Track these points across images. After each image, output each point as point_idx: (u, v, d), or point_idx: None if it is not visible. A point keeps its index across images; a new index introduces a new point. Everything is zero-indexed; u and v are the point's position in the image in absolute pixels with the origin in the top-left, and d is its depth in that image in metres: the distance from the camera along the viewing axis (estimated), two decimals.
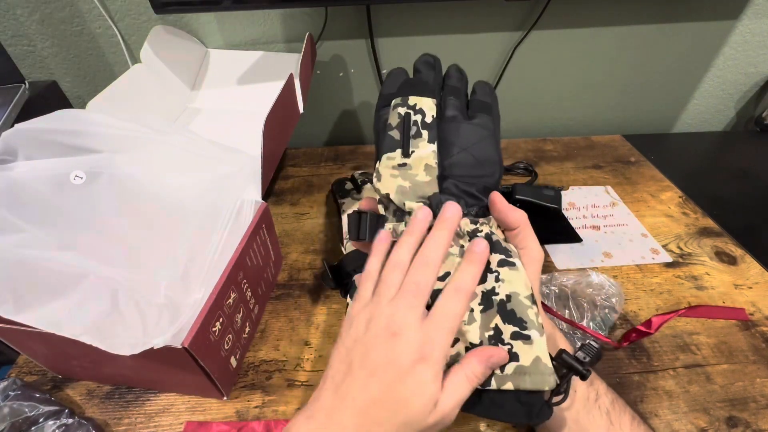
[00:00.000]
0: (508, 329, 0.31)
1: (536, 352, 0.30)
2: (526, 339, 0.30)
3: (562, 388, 0.30)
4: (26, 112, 0.60)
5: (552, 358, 0.31)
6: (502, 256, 0.32)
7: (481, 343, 0.31)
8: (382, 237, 0.31)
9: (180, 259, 0.40)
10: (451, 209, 0.30)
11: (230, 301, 0.41)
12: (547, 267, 0.58)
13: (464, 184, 0.35)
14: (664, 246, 0.61)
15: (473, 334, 0.31)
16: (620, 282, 0.55)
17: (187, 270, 0.39)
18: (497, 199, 0.34)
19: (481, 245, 0.29)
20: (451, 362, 0.30)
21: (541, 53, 0.81)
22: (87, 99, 0.65)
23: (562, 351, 0.30)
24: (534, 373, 0.29)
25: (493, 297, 0.31)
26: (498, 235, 0.34)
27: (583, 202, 0.70)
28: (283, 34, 0.76)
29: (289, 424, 0.27)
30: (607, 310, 0.49)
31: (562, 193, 0.71)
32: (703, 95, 0.91)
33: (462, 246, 0.33)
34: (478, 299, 0.31)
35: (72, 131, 0.42)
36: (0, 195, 0.37)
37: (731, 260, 0.59)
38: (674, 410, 0.42)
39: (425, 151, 0.33)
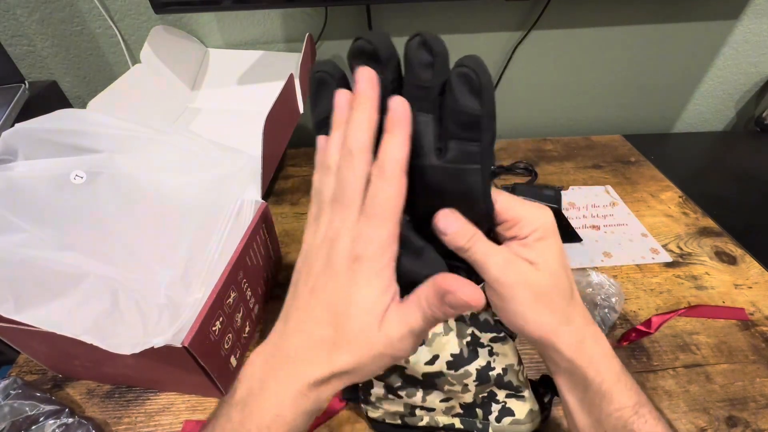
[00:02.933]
0: (502, 392, 0.35)
1: (529, 406, 0.35)
2: (520, 398, 0.35)
3: (545, 414, 0.35)
4: (26, 112, 0.60)
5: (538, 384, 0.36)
6: (493, 334, 0.34)
7: (474, 402, 0.35)
8: (321, 144, 0.25)
9: (180, 259, 0.40)
10: (363, 75, 0.22)
11: (230, 300, 0.41)
12: None
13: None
14: (664, 246, 0.61)
15: (468, 397, 0.34)
16: (620, 282, 0.55)
17: (187, 270, 0.39)
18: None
19: (396, 102, 0.21)
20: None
21: (541, 53, 0.81)
22: (87, 99, 0.65)
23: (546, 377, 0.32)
24: (528, 422, 0.34)
25: (490, 373, 0.33)
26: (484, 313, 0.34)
27: (583, 202, 0.70)
28: (283, 34, 0.76)
29: (247, 360, 0.24)
30: (606, 310, 0.49)
31: (562, 193, 0.71)
32: (703, 95, 0.91)
33: (446, 322, 0.33)
34: (473, 377, 0.33)
35: (72, 131, 0.42)
36: (0, 195, 0.37)
37: (731, 260, 0.59)
38: (674, 410, 0.42)
39: None
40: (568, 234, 0.63)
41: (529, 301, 0.25)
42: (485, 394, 0.34)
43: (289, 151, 0.82)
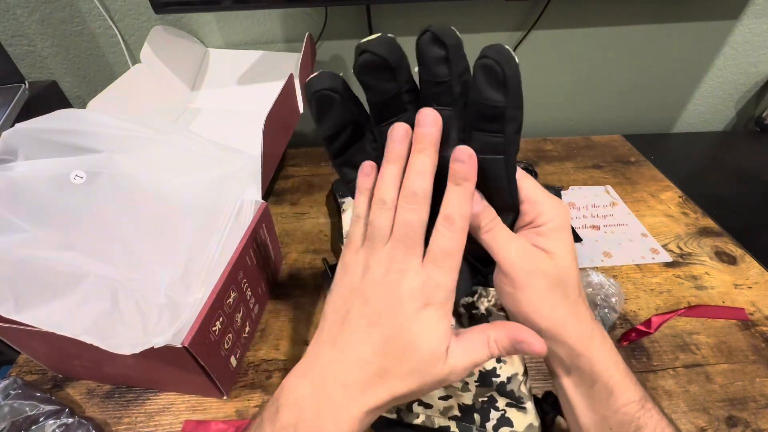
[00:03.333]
0: (503, 400, 0.33)
1: (529, 420, 0.33)
2: (521, 409, 0.33)
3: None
4: (26, 112, 0.60)
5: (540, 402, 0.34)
6: None
7: (473, 405, 0.33)
8: (366, 170, 0.25)
9: (180, 259, 0.40)
10: (428, 117, 0.23)
11: (230, 300, 0.41)
12: None
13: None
14: (663, 246, 0.61)
15: (467, 398, 0.33)
16: (620, 282, 0.55)
17: (187, 270, 0.39)
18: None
19: (464, 153, 0.22)
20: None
21: (541, 53, 0.81)
22: (87, 99, 0.65)
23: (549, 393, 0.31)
24: None
25: (493, 378, 0.32)
26: (495, 312, 0.33)
27: (583, 202, 0.70)
28: (283, 34, 0.76)
29: (282, 383, 0.24)
30: (606, 310, 0.49)
31: (562, 192, 0.71)
32: (703, 95, 0.91)
33: (459, 316, 0.32)
34: (475, 377, 0.32)
35: (72, 131, 0.42)
36: (0, 195, 0.37)
37: (731, 260, 0.59)
38: (674, 410, 0.42)
39: None
40: None
41: (542, 291, 0.26)
42: (485, 399, 0.33)
43: (289, 151, 0.82)
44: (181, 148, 0.46)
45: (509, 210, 0.26)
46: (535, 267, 0.25)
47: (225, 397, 0.43)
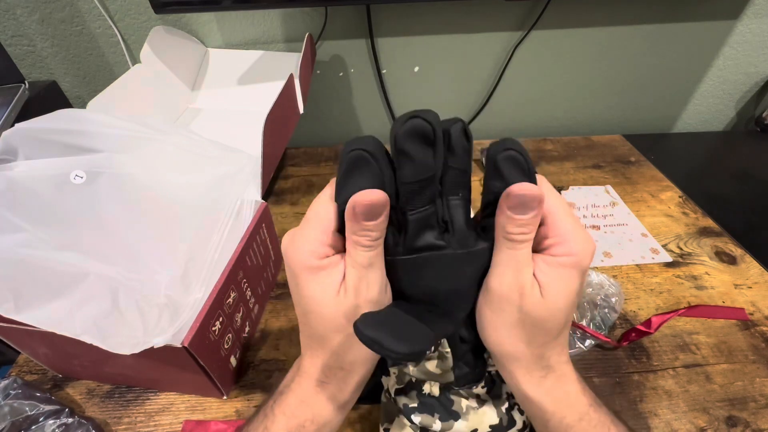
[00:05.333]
0: None
1: None
2: None
3: None
4: (26, 112, 0.60)
5: None
6: None
7: None
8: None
9: (180, 258, 0.40)
10: None
11: (230, 300, 0.41)
12: None
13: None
14: (664, 246, 0.61)
15: None
16: (620, 282, 0.55)
17: (187, 270, 0.39)
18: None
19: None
20: None
21: (541, 53, 0.81)
22: (87, 99, 0.65)
23: None
24: None
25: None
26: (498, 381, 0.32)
27: (583, 201, 0.70)
28: (283, 34, 0.76)
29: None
30: (606, 310, 0.49)
31: (562, 192, 0.71)
32: (703, 95, 0.91)
33: (478, 397, 0.31)
34: None
35: (72, 131, 0.42)
36: (0, 195, 0.37)
37: (731, 260, 0.59)
38: (674, 410, 0.42)
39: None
40: None
41: (509, 321, 0.24)
42: None
43: (289, 151, 0.82)
44: (181, 148, 0.46)
45: None
46: (519, 300, 0.23)
47: (225, 397, 0.43)
